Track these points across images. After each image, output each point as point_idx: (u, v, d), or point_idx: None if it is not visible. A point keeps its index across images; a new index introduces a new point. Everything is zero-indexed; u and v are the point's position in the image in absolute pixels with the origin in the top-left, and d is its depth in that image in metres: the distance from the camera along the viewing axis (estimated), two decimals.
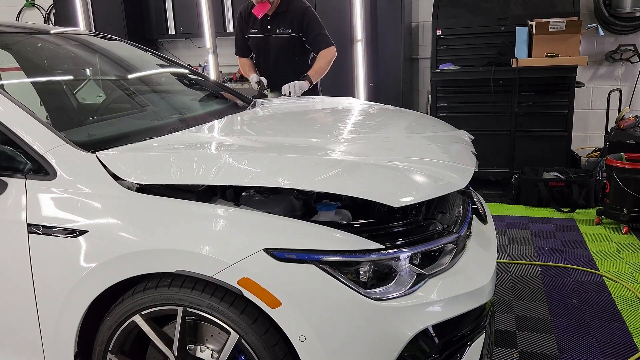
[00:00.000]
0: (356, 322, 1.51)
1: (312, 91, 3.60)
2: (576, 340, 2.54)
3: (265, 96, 3.62)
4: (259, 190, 1.83)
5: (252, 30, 3.71)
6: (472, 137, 2.45)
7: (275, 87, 3.63)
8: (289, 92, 3.41)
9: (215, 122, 2.35)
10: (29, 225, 1.68)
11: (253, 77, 3.73)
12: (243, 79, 5.97)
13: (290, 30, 3.61)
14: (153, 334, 1.69)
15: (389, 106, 3.05)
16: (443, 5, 4.94)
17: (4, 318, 1.80)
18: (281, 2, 3.59)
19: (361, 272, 1.53)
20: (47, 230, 1.67)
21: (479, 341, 1.70)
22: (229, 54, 6.26)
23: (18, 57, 2.62)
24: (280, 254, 1.50)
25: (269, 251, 1.50)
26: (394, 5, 5.12)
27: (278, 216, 1.61)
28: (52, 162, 1.71)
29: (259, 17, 3.58)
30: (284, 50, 3.67)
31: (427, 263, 1.64)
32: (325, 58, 3.61)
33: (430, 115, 4.39)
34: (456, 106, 4.98)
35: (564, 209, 4.31)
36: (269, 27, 3.64)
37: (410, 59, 5.64)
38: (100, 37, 3.02)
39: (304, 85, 3.49)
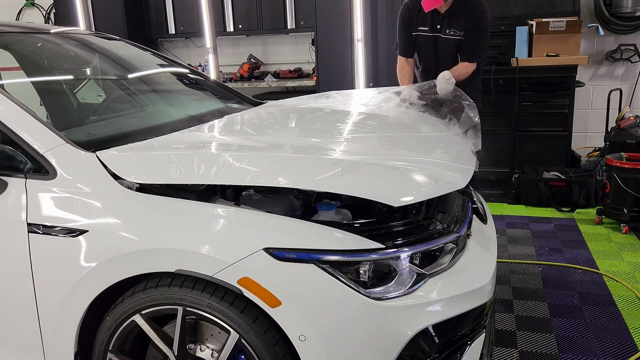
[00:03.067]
0: (356, 322, 1.51)
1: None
2: (576, 340, 2.54)
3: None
4: (259, 189, 1.82)
5: (420, 28, 3.34)
6: None
7: None
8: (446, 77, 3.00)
9: (215, 121, 2.35)
10: (29, 224, 1.68)
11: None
12: (243, 78, 5.93)
13: (462, 32, 3.25)
14: (153, 334, 1.69)
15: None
16: None
17: (4, 317, 1.80)
18: (456, 0, 3.22)
19: (361, 271, 1.53)
20: (47, 230, 1.67)
21: (479, 341, 1.70)
22: (229, 53, 6.25)
23: (18, 57, 2.62)
24: (280, 254, 1.50)
25: (269, 251, 1.50)
26: (394, 5, 5.11)
27: (278, 216, 1.61)
28: (52, 161, 1.71)
29: (426, 11, 3.22)
30: (451, 52, 3.32)
31: (427, 263, 1.64)
32: (465, 69, 3.24)
33: None
34: None
35: (564, 209, 4.31)
36: (438, 26, 3.29)
37: None
38: (100, 37, 3.02)
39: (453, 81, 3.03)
